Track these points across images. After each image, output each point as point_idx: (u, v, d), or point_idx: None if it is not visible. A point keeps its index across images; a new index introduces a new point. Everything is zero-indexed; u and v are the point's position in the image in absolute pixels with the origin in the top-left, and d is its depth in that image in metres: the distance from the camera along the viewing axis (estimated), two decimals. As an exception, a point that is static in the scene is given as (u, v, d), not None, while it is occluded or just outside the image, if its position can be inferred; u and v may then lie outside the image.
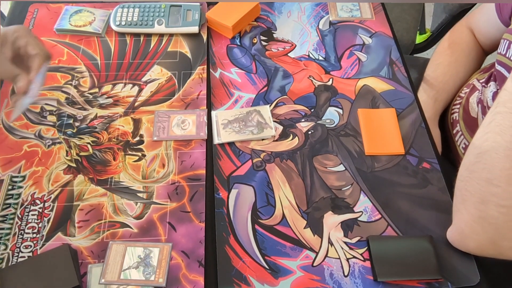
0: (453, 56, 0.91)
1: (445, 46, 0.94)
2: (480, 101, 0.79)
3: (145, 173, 0.69)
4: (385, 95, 0.80)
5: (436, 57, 0.94)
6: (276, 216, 0.66)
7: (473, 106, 0.81)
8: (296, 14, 0.93)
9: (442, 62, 0.92)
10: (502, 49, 0.74)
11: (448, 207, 0.66)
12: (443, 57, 0.92)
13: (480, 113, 0.78)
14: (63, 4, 0.90)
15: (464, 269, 0.61)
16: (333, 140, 0.74)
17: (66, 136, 0.73)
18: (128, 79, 0.81)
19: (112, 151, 0.72)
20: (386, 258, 0.61)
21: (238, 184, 0.69)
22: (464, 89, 0.88)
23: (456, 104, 0.88)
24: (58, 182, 0.68)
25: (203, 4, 0.91)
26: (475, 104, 0.80)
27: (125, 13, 0.87)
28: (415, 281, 0.60)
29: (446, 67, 0.91)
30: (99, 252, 0.62)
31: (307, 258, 0.62)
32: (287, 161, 0.71)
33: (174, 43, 0.86)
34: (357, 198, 0.68)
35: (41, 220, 0.64)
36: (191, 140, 0.73)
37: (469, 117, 0.81)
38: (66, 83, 0.80)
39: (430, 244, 0.62)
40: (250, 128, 0.74)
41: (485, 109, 0.76)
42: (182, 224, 0.65)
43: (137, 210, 0.66)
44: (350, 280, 0.60)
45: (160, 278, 0.59)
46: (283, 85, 0.81)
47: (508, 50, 0.72)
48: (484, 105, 0.77)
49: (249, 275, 0.61)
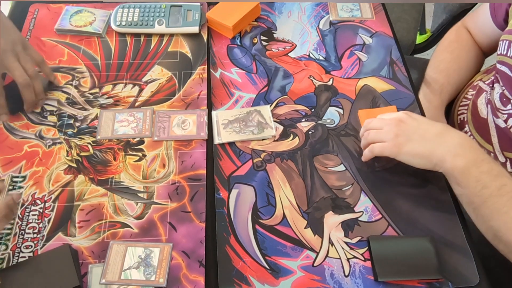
0: (453, 54, 0.91)
1: (445, 44, 0.94)
2: (489, 102, 0.79)
3: (146, 173, 0.69)
4: (386, 95, 0.80)
5: (437, 55, 0.94)
6: (277, 216, 0.66)
7: (482, 108, 0.80)
8: (297, 14, 0.93)
9: (444, 59, 0.92)
10: (502, 50, 0.74)
11: (448, 207, 0.66)
12: (444, 55, 0.92)
13: (490, 114, 0.78)
14: (63, 4, 0.90)
15: (464, 269, 0.61)
16: (333, 140, 0.74)
17: (67, 136, 0.73)
18: (128, 79, 0.81)
19: (112, 151, 0.72)
20: (386, 258, 0.61)
21: (239, 184, 0.69)
22: (470, 90, 0.88)
23: (463, 106, 0.87)
24: (59, 182, 0.68)
25: (203, 4, 0.91)
26: (484, 105, 0.80)
27: (125, 13, 0.87)
28: (415, 281, 0.60)
29: (448, 63, 0.91)
30: (99, 252, 0.62)
31: (307, 258, 0.62)
32: (288, 161, 0.71)
33: (175, 43, 0.86)
34: (357, 198, 0.68)
35: (42, 220, 0.64)
36: (192, 140, 0.73)
37: (478, 118, 0.80)
38: (67, 83, 0.80)
39: (430, 244, 0.62)
40: (250, 128, 0.74)
41: (495, 110, 0.76)
42: (182, 224, 0.65)
43: (137, 210, 0.66)
44: (350, 280, 0.60)
45: (160, 278, 0.60)
46: (283, 85, 0.81)
47: (509, 49, 0.72)
48: (493, 106, 0.77)
49: (249, 275, 0.61)
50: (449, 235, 0.64)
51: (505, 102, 0.74)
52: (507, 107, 0.73)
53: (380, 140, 0.66)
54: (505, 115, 0.74)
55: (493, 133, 0.76)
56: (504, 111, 0.74)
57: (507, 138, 0.74)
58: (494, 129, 0.76)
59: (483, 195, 0.58)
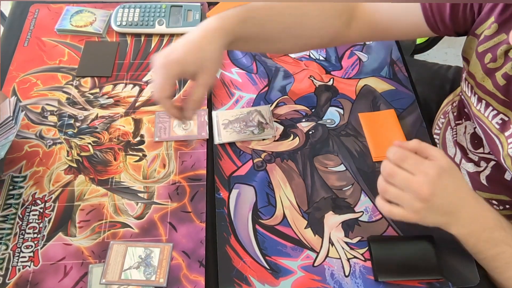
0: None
1: None
2: (456, 143, 0.77)
3: (146, 173, 0.69)
4: (386, 95, 0.80)
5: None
6: (277, 216, 0.66)
7: (450, 145, 0.79)
8: (297, 14, 0.92)
9: None
10: (467, 90, 0.69)
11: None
12: None
13: (460, 156, 0.76)
14: (64, 5, 0.90)
15: (464, 270, 0.61)
16: (333, 140, 0.74)
17: (67, 136, 0.73)
18: (129, 79, 0.81)
19: (113, 151, 0.72)
20: (386, 258, 0.61)
21: (239, 184, 0.69)
22: (441, 118, 0.85)
23: (437, 132, 0.86)
24: (59, 182, 0.68)
25: (203, 4, 0.91)
26: (452, 143, 0.78)
27: (125, 14, 0.87)
28: (415, 281, 0.60)
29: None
30: (100, 252, 0.62)
31: (307, 258, 0.62)
32: (288, 161, 0.71)
33: (175, 43, 0.86)
34: (357, 198, 0.68)
35: (42, 220, 0.64)
36: (198, 139, 0.73)
37: (447, 153, 0.79)
38: (67, 83, 0.80)
39: (430, 244, 0.62)
40: (251, 128, 0.74)
41: (466, 150, 0.74)
42: (182, 224, 0.65)
43: (137, 210, 0.66)
44: (351, 280, 0.60)
45: (160, 278, 0.60)
46: (283, 85, 0.81)
47: (471, 95, 0.67)
48: (462, 145, 0.75)
49: (249, 275, 0.61)
50: (449, 235, 0.64)
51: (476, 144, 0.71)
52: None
53: (400, 203, 0.58)
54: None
55: None
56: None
57: (477, 182, 0.73)
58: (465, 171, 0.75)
59: (478, 258, 0.60)
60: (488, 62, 0.61)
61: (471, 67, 0.65)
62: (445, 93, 0.93)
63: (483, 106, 0.65)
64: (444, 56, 1.81)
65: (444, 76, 1.00)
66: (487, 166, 0.72)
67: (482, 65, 0.63)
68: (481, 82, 0.64)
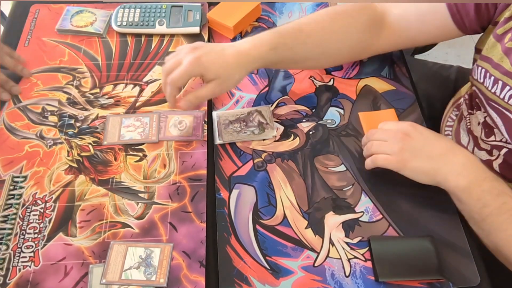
0: (335, 22, 0.72)
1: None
2: (470, 131, 0.77)
3: (146, 173, 0.69)
4: (386, 95, 0.80)
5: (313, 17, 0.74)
6: (277, 216, 0.66)
7: (464, 134, 0.79)
8: (297, 14, 0.92)
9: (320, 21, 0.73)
10: (479, 77, 0.68)
11: (449, 208, 0.66)
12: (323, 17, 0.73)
13: (472, 145, 0.76)
14: (64, 5, 0.90)
15: (465, 270, 0.61)
16: (334, 140, 0.74)
17: (68, 136, 0.73)
18: (129, 80, 0.81)
19: (113, 151, 0.72)
20: (387, 259, 0.61)
21: (239, 184, 0.69)
22: (454, 110, 0.85)
23: (449, 124, 0.85)
24: (60, 182, 0.68)
25: (204, 4, 0.91)
26: (466, 132, 0.78)
27: (126, 14, 0.87)
28: (416, 282, 0.60)
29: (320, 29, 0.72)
30: (100, 252, 0.62)
31: (308, 258, 0.62)
32: (288, 162, 0.71)
33: (175, 44, 0.86)
34: (358, 198, 0.68)
35: (43, 220, 0.64)
36: (192, 140, 0.73)
37: (460, 143, 0.79)
38: (67, 84, 0.80)
39: (431, 244, 0.62)
40: (251, 128, 0.74)
41: (478, 140, 0.74)
42: (183, 224, 0.65)
43: (138, 210, 0.66)
44: (351, 281, 0.60)
45: (161, 278, 0.60)
46: (284, 85, 0.81)
47: (485, 79, 0.67)
48: (475, 135, 0.75)
49: (250, 276, 0.61)
50: (449, 235, 0.64)
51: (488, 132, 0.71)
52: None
53: (384, 152, 0.65)
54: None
55: None
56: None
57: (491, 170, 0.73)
58: None
59: (483, 213, 0.59)
60: (507, 41, 0.62)
61: (487, 51, 0.66)
62: (449, 90, 0.93)
63: (499, 88, 0.64)
64: (445, 56, 1.81)
65: (447, 74, 1.00)
66: (499, 155, 0.71)
67: (502, 45, 0.63)
68: (499, 62, 0.64)
